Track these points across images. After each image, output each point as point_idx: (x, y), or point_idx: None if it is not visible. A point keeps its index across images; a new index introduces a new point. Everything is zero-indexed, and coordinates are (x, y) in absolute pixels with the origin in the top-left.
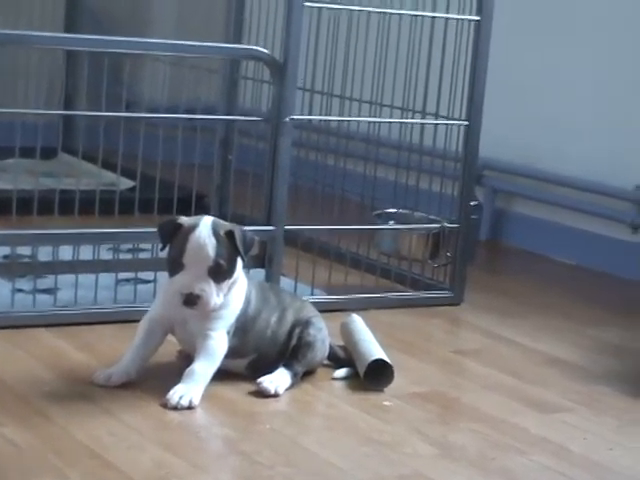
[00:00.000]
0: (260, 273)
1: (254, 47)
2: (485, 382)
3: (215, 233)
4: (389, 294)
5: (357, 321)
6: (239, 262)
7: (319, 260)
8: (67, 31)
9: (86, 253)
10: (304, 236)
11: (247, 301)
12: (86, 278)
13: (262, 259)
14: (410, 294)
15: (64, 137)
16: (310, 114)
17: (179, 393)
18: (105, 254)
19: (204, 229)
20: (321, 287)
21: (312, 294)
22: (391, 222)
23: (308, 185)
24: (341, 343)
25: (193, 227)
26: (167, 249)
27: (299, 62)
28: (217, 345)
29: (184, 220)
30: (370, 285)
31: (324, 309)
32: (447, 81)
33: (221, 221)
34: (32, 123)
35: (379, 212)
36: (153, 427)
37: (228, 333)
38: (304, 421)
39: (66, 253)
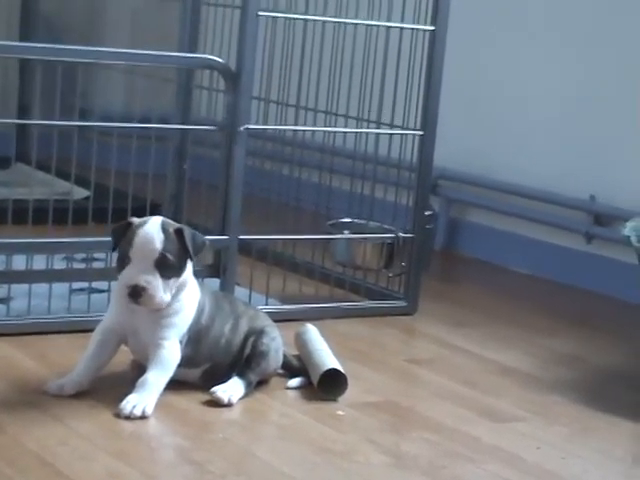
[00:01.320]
0: (214, 282)
1: (208, 56)
2: (438, 391)
3: (164, 229)
4: (343, 304)
5: (311, 331)
6: (189, 265)
7: (273, 269)
8: (22, 40)
9: (40, 262)
10: (258, 245)
11: (200, 310)
12: (40, 287)
13: (216, 268)
14: (364, 304)
15: (18, 146)
16: (265, 123)
17: (132, 402)
18: (59, 264)
19: (152, 225)
20: (275, 296)
21: (266, 304)
22: (346, 232)
23: (262, 195)
24: (295, 352)
25: (142, 223)
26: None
27: (254, 71)
28: (170, 354)
29: (135, 219)
30: (325, 295)
31: (278, 319)
32: (402, 91)
33: (172, 221)
34: None
35: (334, 222)
36: (105, 436)
37: (181, 342)
38: (257, 430)
39: (20, 262)
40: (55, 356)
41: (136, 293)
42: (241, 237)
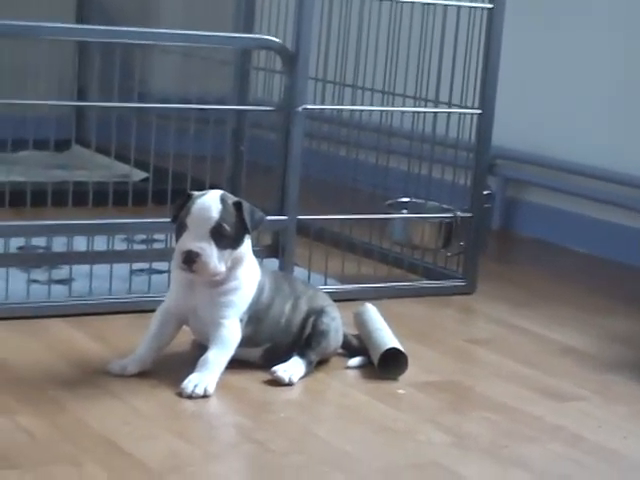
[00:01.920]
0: (273, 263)
1: (265, 36)
2: (498, 371)
3: (222, 200)
4: (401, 283)
5: (371, 310)
6: (247, 241)
7: (331, 250)
8: (78, 23)
9: (100, 244)
10: (316, 226)
11: (260, 289)
12: (101, 268)
13: (275, 249)
14: (422, 283)
15: (77, 129)
16: (322, 104)
17: (194, 382)
18: (119, 245)
19: (211, 195)
20: (334, 277)
21: (325, 284)
22: (404, 211)
23: (320, 176)
24: (355, 332)
25: (201, 195)
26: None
27: (311, 51)
28: (230, 333)
29: (195, 192)
30: (383, 274)
31: (337, 298)
32: (460, 69)
33: (231, 195)
34: (45, 116)
35: (391, 202)
36: (167, 415)
37: (241, 321)
38: (317, 410)
39: (81, 244)
40: (116, 337)
41: (190, 259)
42: (299, 217)
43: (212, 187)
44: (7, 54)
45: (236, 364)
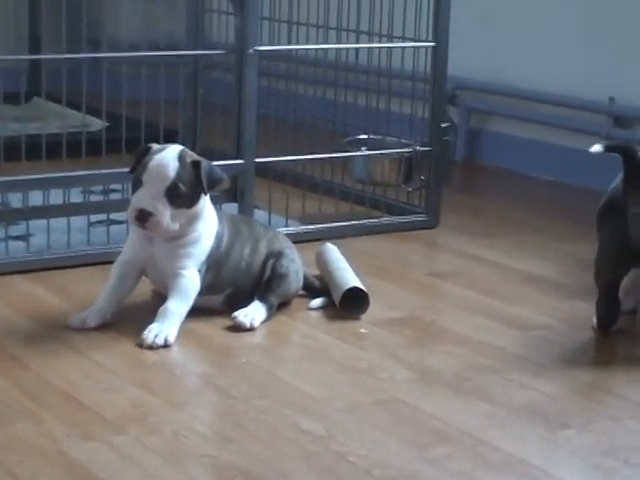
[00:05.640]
0: (233, 207)
1: None
2: (462, 303)
3: (180, 158)
4: (363, 221)
5: (332, 250)
6: (203, 198)
7: (292, 190)
8: None
9: (57, 197)
10: (276, 167)
11: (218, 237)
12: (58, 222)
13: (234, 193)
14: (385, 220)
15: (32, 81)
16: (276, 44)
17: (154, 332)
18: (76, 197)
19: (169, 152)
20: (295, 218)
21: (286, 225)
22: (363, 148)
23: (278, 115)
24: (316, 273)
25: (160, 150)
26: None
27: None
28: (189, 283)
29: (155, 145)
30: (344, 213)
31: (299, 240)
32: (412, 3)
33: (192, 153)
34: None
35: (350, 139)
36: (128, 367)
37: (199, 271)
38: (280, 353)
39: (36, 198)
40: (77, 290)
41: (142, 217)
42: (257, 160)
43: (170, 133)
44: None
45: (199, 312)
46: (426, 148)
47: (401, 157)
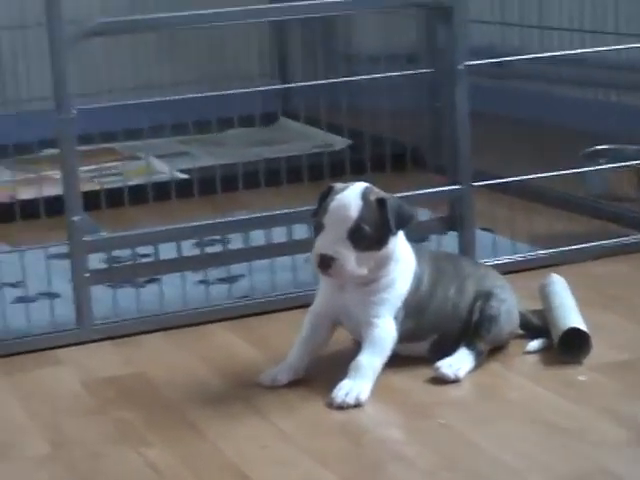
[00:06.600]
0: (453, 236)
1: None
2: None
3: (364, 197)
4: (601, 242)
5: (555, 282)
6: (394, 238)
7: (517, 203)
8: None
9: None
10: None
11: (417, 279)
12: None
13: (453, 220)
14: (627, 239)
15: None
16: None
17: (344, 390)
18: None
19: (352, 191)
20: (523, 239)
21: (514, 251)
22: (601, 161)
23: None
24: (539, 307)
25: (342, 189)
26: None
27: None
28: (384, 333)
29: (337, 184)
30: (579, 231)
31: (526, 268)
32: None
33: (378, 190)
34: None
35: (588, 151)
36: (311, 433)
37: (396, 318)
38: (482, 410)
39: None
40: (277, 339)
41: (324, 263)
42: (474, 184)
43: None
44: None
45: (402, 361)
46: None
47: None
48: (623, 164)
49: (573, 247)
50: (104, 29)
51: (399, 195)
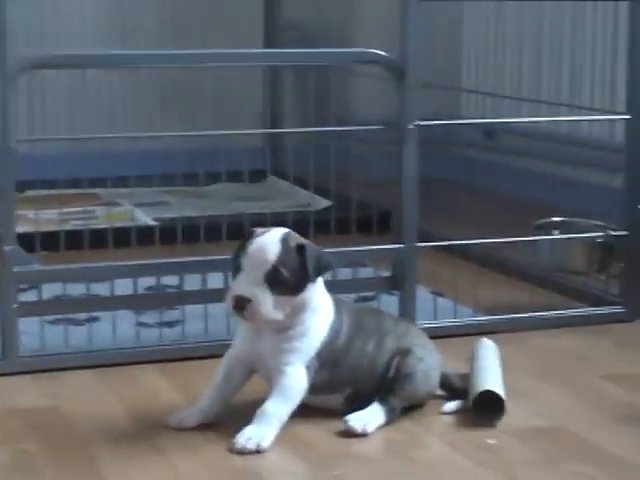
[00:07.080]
0: (393, 299)
1: (371, 50)
2: (627, 416)
3: (283, 241)
4: (547, 313)
5: (485, 347)
6: (312, 286)
7: (463, 266)
8: (267, 47)
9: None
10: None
11: (334, 331)
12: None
13: (394, 281)
14: (572, 311)
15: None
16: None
17: (247, 435)
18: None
19: (273, 235)
20: (469, 303)
21: (454, 314)
22: (555, 232)
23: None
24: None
25: (263, 233)
26: None
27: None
28: (293, 382)
29: (259, 229)
30: (524, 301)
31: (470, 332)
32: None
33: (299, 236)
34: (238, 148)
35: (540, 222)
36: (205, 476)
37: (308, 368)
38: (383, 466)
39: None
40: (202, 385)
41: (239, 305)
42: (418, 244)
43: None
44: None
45: (317, 413)
46: (622, 232)
47: (594, 242)
48: (573, 235)
49: (515, 315)
50: (49, 62)
51: (340, 250)
